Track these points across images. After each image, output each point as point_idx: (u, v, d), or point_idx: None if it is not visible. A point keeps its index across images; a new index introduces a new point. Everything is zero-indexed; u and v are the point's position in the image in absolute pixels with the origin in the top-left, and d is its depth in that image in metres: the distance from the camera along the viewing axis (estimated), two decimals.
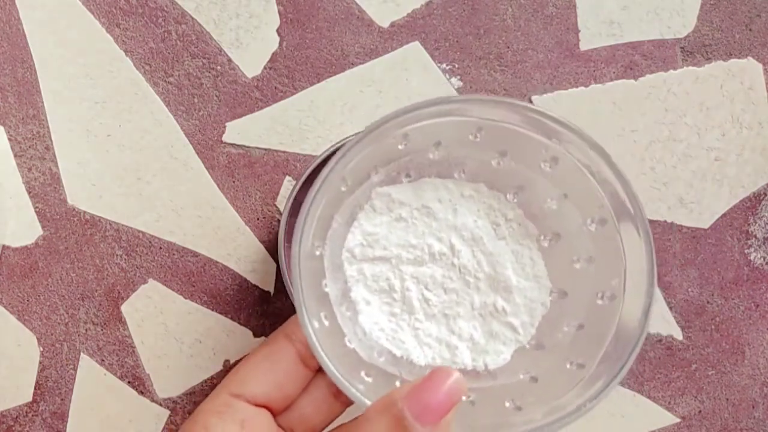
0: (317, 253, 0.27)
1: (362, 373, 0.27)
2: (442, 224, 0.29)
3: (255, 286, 0.36)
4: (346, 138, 0.31)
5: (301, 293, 0.25)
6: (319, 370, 0.28)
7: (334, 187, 0.26)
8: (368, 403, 0.25)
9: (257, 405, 0.27)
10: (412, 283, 0.29)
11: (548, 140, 0.26)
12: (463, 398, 0.27)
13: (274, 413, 0.28)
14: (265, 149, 0.36)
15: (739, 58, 0.37)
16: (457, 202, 0.29)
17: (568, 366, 0.27)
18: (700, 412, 0.37)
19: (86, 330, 0.36)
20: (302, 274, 0.25)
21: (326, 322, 0.27)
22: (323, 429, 0.29)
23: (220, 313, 0.36)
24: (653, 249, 0.25)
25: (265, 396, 0.27)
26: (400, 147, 0.27)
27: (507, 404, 0.27)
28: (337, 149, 0.32)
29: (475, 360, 0.28)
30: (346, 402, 0.29)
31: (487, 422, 0.26)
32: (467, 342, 0.29)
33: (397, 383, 0.28)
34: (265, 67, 0.36)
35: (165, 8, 0.36)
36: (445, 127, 0.26)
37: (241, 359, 0.34)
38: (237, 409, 0.27)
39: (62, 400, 0.36)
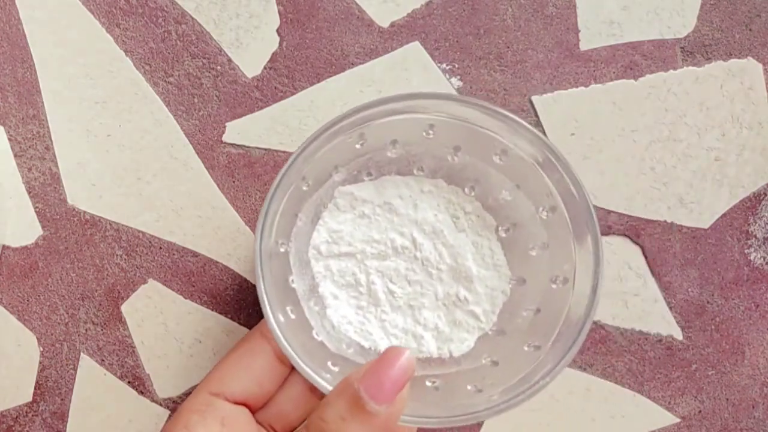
0: (282, 249, 0.28)
1: (329, 364, 0.27)
2: (404, 219, 0.30)
3: (255, 286, 0.36)
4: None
5: (263, 288, 0.25)
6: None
7: (294, 185, 0.27)
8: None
9: (236, 402, 0.28)
10: (377, 276, 0.30)
11: (495, 134, 0.27)
12: (428, 383, 0.28)
13: (253, 410, 0.28)
14: (265, 149, 0.36)
15: (739, 58, 0.37)
16: (418, 197, 0.30)
17: (525, 348, 0.28)
18: (700, 412, 0.37)
19: (86, 330, 0.36)
20: (265, 270, 0.26)
21: (293, 316, 0.28)
22: (301, 423, 0.29)
23: (220, 313, 0.36)
24: (598, 230, 0.26)
25: (244, 393, 0.28)
26: (357, 146, 0.28)
27: (469, 387, 0.28)
28: None
29: (440, 348, 0.30)
30: (322, 396, 0.29)
31: (449, 404, 0.27)
32: (432, 331, 0.30)
33: None
34: (265, 67, 0.36)
35: (165, 8, 0.36)
36: (399, 125, 0.27)
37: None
38: (217, 407, 0.27)
39: (62, 400, 0.36)
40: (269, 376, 0.28)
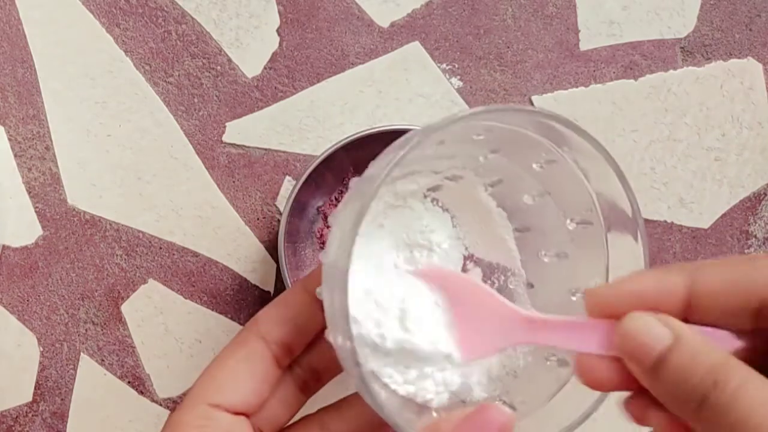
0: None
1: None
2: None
3: (255, 286, 0.36)
4: (348, 137, 0.31)
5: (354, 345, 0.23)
6: (288, 368, 0.27)
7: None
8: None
9: (236, 413, 0.26)
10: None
11: (558, 148, 0.25)
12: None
13: (250, 417, 0.27)
14: (265, 149, 0.36)
15: (739, 58, 0.37)
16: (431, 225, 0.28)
17: (548, 363, 0.26)
18: None
19: (86, 330, 0.36)
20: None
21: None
22: (288, 421, 0.28)
23: (220, 313, 0.36)
24: (645, 252, 0.24)
25: (245, 403, 0.26)
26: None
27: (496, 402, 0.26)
28: (337, 149, 0.31)
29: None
30: (310, 393, 0.28)
31: None
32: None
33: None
34: (265, 67, 0.36)
35: (165, 8, 0.36)
36: (455, 129, 0.25)
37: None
38: (219, 421, 0.26)
39: (62, 400, 0.36)
40: (269, 383, 0.27)
